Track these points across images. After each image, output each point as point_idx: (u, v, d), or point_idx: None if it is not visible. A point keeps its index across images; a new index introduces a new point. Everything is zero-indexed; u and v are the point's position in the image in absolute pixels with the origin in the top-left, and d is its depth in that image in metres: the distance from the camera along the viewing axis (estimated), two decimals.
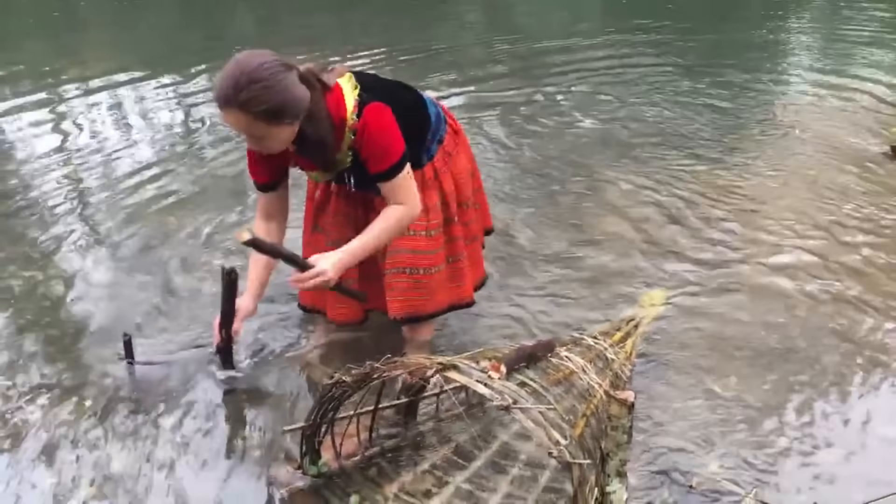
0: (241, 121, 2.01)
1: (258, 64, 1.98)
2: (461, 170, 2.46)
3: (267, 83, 1.97)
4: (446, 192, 2.42)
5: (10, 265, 3.14)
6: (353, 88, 2.17)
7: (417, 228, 2.37)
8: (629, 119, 4.75)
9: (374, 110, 2.14)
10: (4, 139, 4.58)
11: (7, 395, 2.41)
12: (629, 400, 1.98)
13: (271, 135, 2.06)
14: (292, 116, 2.05)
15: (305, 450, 2.09)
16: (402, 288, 2.41)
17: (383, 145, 2.15)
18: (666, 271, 3.08)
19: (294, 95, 2.03)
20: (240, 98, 1.96)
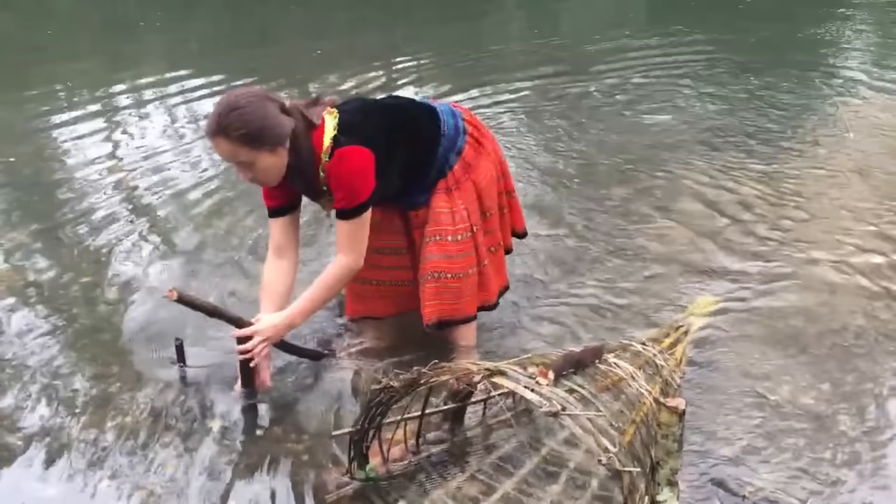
0: (225, 147, 2.18)
1: (239, 94, 2.21)
2: (484, 178, 2.49)
3: (245, 109, 2.16)
4: (467, 202, 2.46)
5: (67, 271, 3.22)
6: (333, 129, 2.27)
7: (444, 233, 2.43)
8: (678, 120, 4.70)
9: (345, 154, 2.24)
10: (59, 147, 4.70)
11: (63, 397, 2.47)
12: (680, 407, 1.95)
13: (256, 161, 2.20)
14: (272, 143, 2.19)
15: (353, 455, 2.09)
16: (431, 293, 2.45)
17: (346, 188, 2.27)
18: (716, 275, 3.03)
19: (272, 122, 2.19)
20: (222, 124, 2.14)
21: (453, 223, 2.43)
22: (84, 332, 2.81)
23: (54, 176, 4.27)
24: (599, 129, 4.63)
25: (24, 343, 2.74)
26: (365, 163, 2.26)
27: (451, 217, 2.43)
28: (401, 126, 2.39)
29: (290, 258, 2.48)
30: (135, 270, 3.22)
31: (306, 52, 6.89)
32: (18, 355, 2.67)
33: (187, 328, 2.63)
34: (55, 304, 2.98)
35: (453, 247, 2.43)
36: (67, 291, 3.07)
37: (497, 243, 2.59)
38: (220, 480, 2.15)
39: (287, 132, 2.21)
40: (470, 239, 2.45)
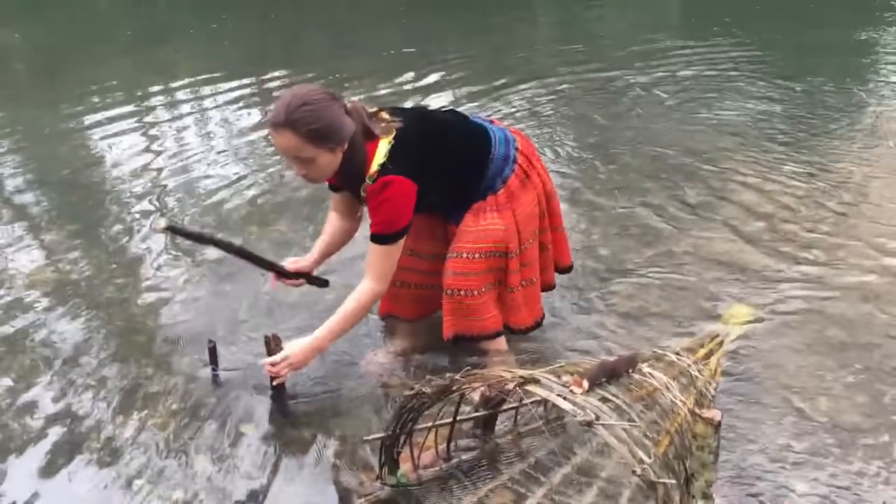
0: (289, 141, 2.20)
1: (309, 90, 2.23)
2: (523, 211, 2.48)
3: (316, 106, 2.19)
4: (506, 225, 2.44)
5: (102, 272, 3.26)
6: (384, 155, 2.28)
7: (460, 251, 2.43)
8: (712, 125, 4.65)
9: (388, 183, 2.26)
10: (93, 148, 4.77)
11: (97, 398, 2.49)
12: (716, 419, 1.93)
13: (316, 159, 2.23)
14: (336, 142, 2.22)
15: (384, 460, 2.09)
16: (447, 310, 2.48)
17: (384, 215, 2.30)
18: (753, 283, 2.99)
19: (339, 122, 2.22)
20: (290, 118, 2.16)
21: (474, 241, 2.43)
22: (118, 334, 2.84)
23: (89, 177, 4.33)
24: (633, 132, 4.60)
25: (60, 344, 2.78)
26: (406, 195, 2.28)
27: (473, 235, 2.43)
28: (451, 150, 2.40)
29: (347, 222, 2.57)
30: (167, 273, 3.25)
31: (338, 53, 6.93)
32: (54, 356, 2.71)
33: (220, 331, 2.65)
34: (90, 305, 3.01)
35: (467, 264, 2.43)
36: (102, 292, 3.11)
37: (531, 278, 2.55)
38: (251, 483, 2.16)
39: (349, 135, 2.24)
40: (484, 260, 2.43)
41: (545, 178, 2.57)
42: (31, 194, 4.12)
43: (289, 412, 2.42)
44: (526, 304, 2.56)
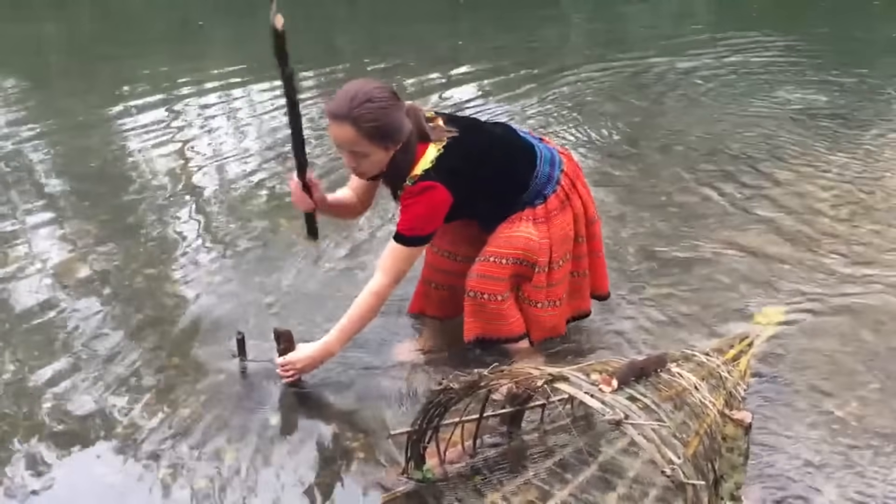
0: (349, 135, 2.20)
1: (375, 87, 2.23)
2: (558, 232, 2.47)
3: (379, 104, 2.20)
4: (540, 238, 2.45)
5: (132, 262, 3.29)
6: (430, 161, 2.28)
7: (489, 254, 2.43)
8: (748, 120, 4.60)
9: (427, 188, 2.27)
10: (125, 141, 4.82)
11: (125, 387, 2.52)
12: (746, 420, 1.91)
13: (370, 155, 2.26)
14: (392, 141, 2.24)
15: (410, 454, 2.09)
16: (469, 311, 2.48)
17: (413, 218, 2.31)
18: (784, 285, 2.95)
19: (399, 122, 2.24)
20: (353, 113, 2.16)
21: (503, 247, 2.43)
22: (147, 323, 2.86)
23: (121, 168, 4.38)
24: (665, 127, 4.58)
25: (90, 332, 2.81)
26: (441, 203, 2.30)
27: (504, 241, 2.43)
28: (496, 165, 2.41)
29: (358, 205, 2.59)
30: (197, 263, 3.28)
31: (368, 49, 6.95)
32: (84, 344, 2.74)
33: (249, 322, 2.66)
34: (120, 295, 3.05)
35: (493, 268, 2.42)
36: (132, 282, 3.14)
37: (556, 300, 2.53)
38: (277, 475, 2.17)
39: (405, 136, 2.26)
40: (511, 266, 2.42)
41: (588, 202, 2.56)
42: (64, 184, 4.17)
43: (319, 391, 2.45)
44: (550, 322, 2.54)
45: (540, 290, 2.49)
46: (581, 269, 2.59)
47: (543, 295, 2.50)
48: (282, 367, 2.42)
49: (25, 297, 3.03)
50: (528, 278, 2.46)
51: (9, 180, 4.19)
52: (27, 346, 2.74)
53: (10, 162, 4.47)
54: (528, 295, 2.49)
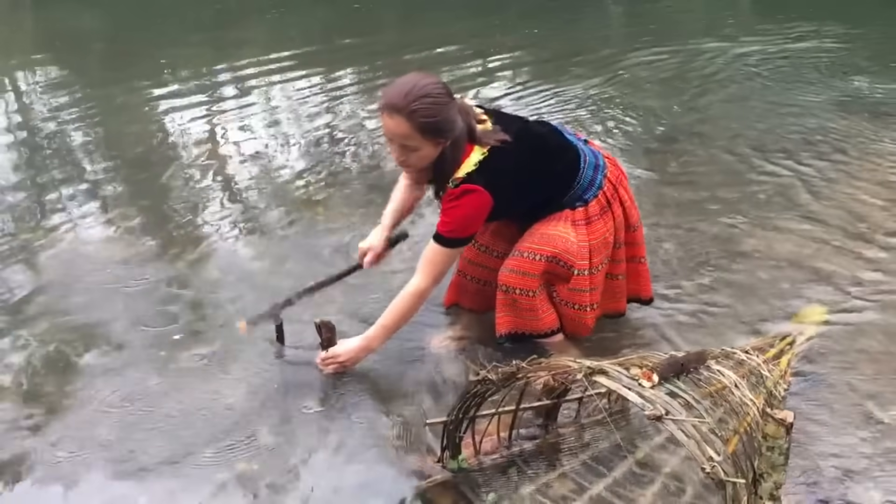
0: (403, 129, 2.21)
1: (431, 83, 2.22)
2: (597, 237, 2.47)
3: (436, 100, 2.20)
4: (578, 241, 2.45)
5: (172, 247, 3.33)
6: (474, 164, 2.29)
7: (522, 249, 2.43)
8: (788, 118, 4.50)
9: (469, 191, 2.28)
10: (165, 127, 4.87)
11: (164, 370, 2.55)
12: (788, 420, 1.87)
13: (420, 150, 2.26)
14: (444, 138, 2.24)
15: (446, 444, 2.10)
16: (501, 304, 2.50)
17: (454, 220, 2.32)
18: (827, 283, 2.90)
19: (453, 120, 2.24)
20: (410, 107, 2.17)
21: (538, 243, 2.43)
22: (188, 308, 2.90)
23: (161, 154, 4.43)
24: (705, 123, 4.50)
25: (129, 316, 2.85)
26: (481, 207, 2.30)
27: (539, 237, 2.43)
28: (540, 170, 2.40)
29: (417, 191, 2.64)
30: (234, 250, 3.32)
31: (406, 37, 6.95)
32: (124, 327, 2.78)
33: (288, 309, 2.68)
34: (162, 280, 3.08)
35: (526, 264, 2.43)
36: (173, 266, 3.18)
37: (595, 302, 2.53)
38: (313, 459, 2.20)
39: (456, 134, 2.26)
40: (544, 263, 2.42)
41: (630, 209, 2.55)
42: (105, 169, 4.23)
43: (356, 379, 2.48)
44: (583, 322, 2.55)
45: (582, 293, 2.48)
46: (617, 272, 2.58)
47: (587, 298, 2.50)
48: (322, 360, 2.45)
49: (67, 280, 3.08)
50: (562, 279, 2.46)
51: (51, 163, 4.27)
52: (69, 328, 2.78)
53: (52, 145, 4.55)
54: (566, 297, 2.50)
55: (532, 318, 2.49)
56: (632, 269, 2.63)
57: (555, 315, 2.52)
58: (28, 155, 4.47)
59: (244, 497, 2.08)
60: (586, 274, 2.47)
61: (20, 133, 4.81)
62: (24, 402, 2.42)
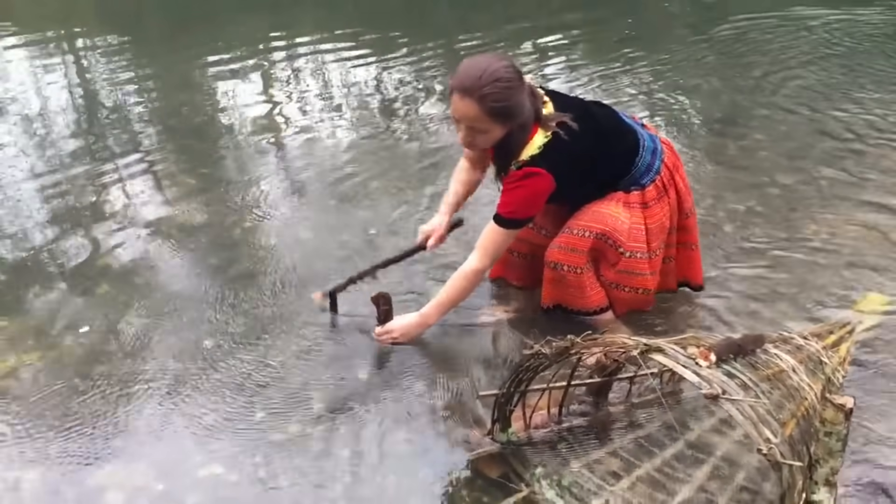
0: (473, 111, 2.19)
1: (503, 66, 2.19)
2: (654, 221, 2.46)
3: (508, 85, 2.18)
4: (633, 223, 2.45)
5: (230, 215, 3.39)
6: (538, 147, 2.28)
7: (572, 226, 2.44)
8: (853, 104, 4.36)
9: (531, 174, 2.28)
10: (222, 99, 4.93)
11: (219, 336, 2.60)
12: (847, 405, 1.84)
13: (489, 132, 2.25)
14: (512, 122, 2.24)
15: (497, 416, 2.11)
16: (548, 279, 2.51)
17: (515, 202, 2.32)
18: (889, 272, 2.82)
19: (522, 104, 2.24)
20: (482, 91, 2.15)
21: (588, 220, 2.43)
22: (243, 274, 2.95)
23: (219, 125, 4.49)
24: (766, 106, 4.39)
25: (188, 280, 2.92)
26: (543, 190, 2.30)
27: (590, 215, 2.43)
28: (600, 155, 2.38)
29: (477, 173, 2.64)
30: (289, 219, 3.35)
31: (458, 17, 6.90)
32: (182, 292, 2.85)
33: (341, 277, 2.71)
34: (218, 246, 3.14)
35: (574, 241, 2.43)
36: (230, 234, 3.23)
37: (641, 288, 2.52)
38: (362, 427, 2.22)
39: (524, 118, 2.26)
40: (591, 240, 2.41)
41: (684, 195, 2.54)
42: (162, 137, 4.30)
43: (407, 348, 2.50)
44: (635, 303, 2.57)
45: (643, 277, 2.49)
46: (668, 254, 2.59)
47: (650, 282, 2.50)
48: (378, 335, 2.48)
49: (126, 246, 3.16)
50: (608, 259, 2.45)
51: (108, 132, 4.35)
52: (130, 291, 2.86)
53: (110, 115, 4.64)
54: (615, 279, 2.49)
55: (579, 296, 2.49)
56: (683, 255, 2.62)
57: (602, 294, 2.51)
58: (87, 122, 4.57)
59: (294, 460, 2.12)
60: (645, 257, 2.46)
61: (78, 100, 4.92)
62: (86, 362, 2.49)
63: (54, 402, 2.31)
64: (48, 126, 4.45)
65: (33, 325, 2.68)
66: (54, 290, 2.87)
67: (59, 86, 5.17)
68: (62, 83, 5.25)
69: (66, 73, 5.55)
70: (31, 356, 2.51)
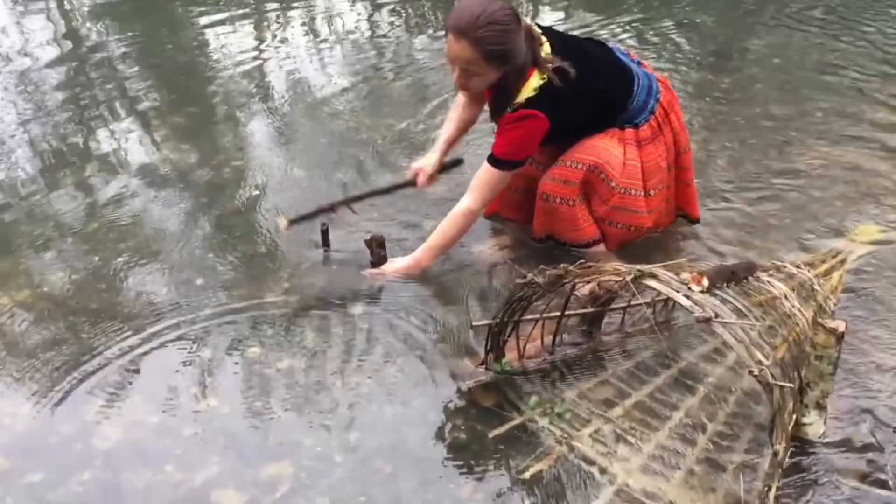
0: (468, 53, 2.18)
1: (500, 8, 2.17)
2: (649, 161, 2.45)
3: (504, 28, 2.17)
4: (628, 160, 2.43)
5: (218, 154, 3.35)
6: (533, 90, 2.26)
7: (565, 158, 2.42)
8: (854, 42, 4.29)
9: (527, 116, 2.27)
10: (210, 40, 4.81)
11: (211, 272, 2.60)
12: (839, 329, 1.85)
13: (484, 75, 2.24)
14: (508, 65, 2.22)
15: (491, 347, 2.12)
16: (540, 211, 2.51)
17: (509, 142, 2.32)
18: (881, 202, 2.83)
19: (519, 47, 2.21)
20: (477, 33, 2.13)
21: (580, 152, 2.41)
22: (234, 213, 2.93)
23: (207, 65, 4.40)
24: (762, 41, 4.33)
25: (178, 219, 2.89)
26: (538, 131, 2.29)
27: (582, 148, 2.42)
28: (595, 94, 2.37)
29: (474, 109, 2.61)
30: (280, 158, 3.31)
31: None
32: (171, 230, 2.82)
33: (332, 214, 2.68)
34: (208, 186, 3.11)
35: (566, 172, 2.42)
36: (220, 173, 3.20)
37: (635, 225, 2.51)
38: (358, 361, 2.23)
39: (520, 61, 2.23)
40: (583, 171, 2.39)
41: (679, 133, 2.53)
42: (151, 76, 4.21)
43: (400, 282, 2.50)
44: (627, 238, 2.56)
45: (639, 215, 2.48)
46: (668, 194, 2.59)
47: (645, 220, 2.50)
48: (371, 276, 2.48)
49: (114, 185, 3.11)
50: (599, 194, 2.44)
51: (92, 71, 4.26)
52: (120, 230, 2.83)
53: (94, 53, 4.53)
54: (606, 215, 2.48)
55: (570, 229, 2.49)
56: (680, 191, 2.63)
57: (594, 227, 2.51)
58: (71, 62, 4.47)
59: (289, 392, 2.13)
60: (641, 195, 2.46)
61: (62, 40, 4.79)
62: (77, 300, 2.49)
63: (46, 339, 2.31)
64: (32, 69, 4.36)
65: (23, 265, 2.66)
66: (44, 230, 2.84)
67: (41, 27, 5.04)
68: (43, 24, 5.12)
69: (48, 15, 5.42)
70: (22, 294, 2.50)
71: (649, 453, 1.95)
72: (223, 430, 2.02)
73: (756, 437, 1.97)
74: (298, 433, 2.01)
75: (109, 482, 1.88)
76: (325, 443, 1.97)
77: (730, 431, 2.00)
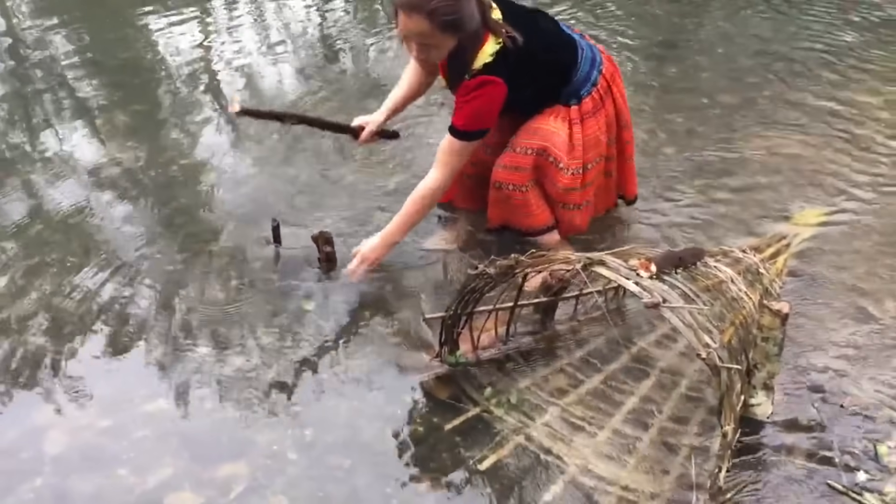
0: (423, 27, 2.17)
1: None
2: (590, 133, 2.46)
3: None
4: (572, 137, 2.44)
5: (166, 153, 3.29)
6: (490, 55, 2.25)
7: (514, 144, 2.44)
8: (790, 33, 4.40)
9: (486, 83, 2.26)
10: (154, 35, 4.73)
11: (161, 272, 2.56)
12: (784, 311, 1.89)
13: (440, 45, 2.23)
14: (462, 32, 2.21)
15: (444, 339, 2.12)
16: (494, 200, 2.51)
17: (470, 112, 2.30)
18: (824, 187, 2.89)
19: (471, 14, 2.20)
20: (430, 5, 2.13)
21: (529, 137, 2.42)
22: (183, 211, 2.88)
23: (151, 60, 4.32)
24: (709, 31, 4.37)
25: (126, 220, 2.83)
26: (498, 97, 2.28)
27: (531, 132, 2.42)
28: (546, 62, 2.37)
29: (426, 76, 2.58)
30: (230, 155, 3.26)
31: None
32: (118, 231, 2.77)
33: (283, 210, 2.67)
34: (156, 184, 3.06)
35: (517, 158, 2.43)
36: (167, 171, 3.14)
37: (587, 200, 2.54)
38: (311, 358, 2.23)
39: (474, 28, 2.22)
40: (533, 157, 2.41)
41: (621, 107, 2.54)
42: (94, 75, 4.13)
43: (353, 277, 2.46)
44: (577, 220, 2.57)
45: (573, 192, 2.48)
46: (609, 169, 2.60)
47: (578, 197, 2.50)
48: (350, 271, 2.43)
49: (58, 186, 3.05)
50: (549, 177, 2.45)
51: (36, 73, 4.16)
52: (66, 231, 2.78)
53: (35, 50, 4.42)
54: (558, 197, 2.49)
55: (524, 215, 2.50)
56: (620, 168, 2.64)
57: (549, 212, 2.52)
58: (13, 62, 4.36)
59: (242, 392, 2.11)
60: (579, 172, 2.46)
61: (4, 39, 4.67)
62: (22, 303, 2.43)
63: None
64: None
65: None
66: None
67: None
68: None
69: None
70: None
71: (604, 439, 1.97)
72: (176, 432, 2.00)
73: (707, 419, 2.01)
74: (252, 432, 2.00)
75: (60, 488, 1.85)
76: (279, 440, 1.96)
77: (682, 415, 2.04)
